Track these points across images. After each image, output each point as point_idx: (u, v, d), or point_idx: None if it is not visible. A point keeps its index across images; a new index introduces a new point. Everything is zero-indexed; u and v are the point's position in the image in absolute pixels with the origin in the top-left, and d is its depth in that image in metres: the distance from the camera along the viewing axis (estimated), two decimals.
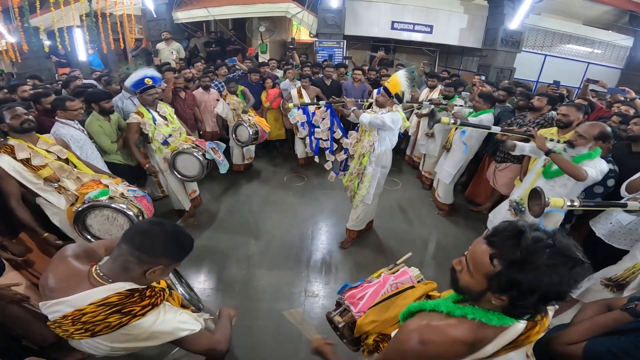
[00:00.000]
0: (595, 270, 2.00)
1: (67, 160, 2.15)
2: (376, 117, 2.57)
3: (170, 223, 1.12)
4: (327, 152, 3.33)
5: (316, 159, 3.54)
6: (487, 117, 3.21)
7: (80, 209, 2.03)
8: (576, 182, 2.04)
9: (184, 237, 1.12)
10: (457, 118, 3.23)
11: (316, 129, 3.30)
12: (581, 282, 0.76)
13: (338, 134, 3.25)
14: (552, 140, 2.24)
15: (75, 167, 2.19)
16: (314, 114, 3.29)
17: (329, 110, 3.20)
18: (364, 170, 2.85)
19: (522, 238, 0.75)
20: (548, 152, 2.10)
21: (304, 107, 3.31)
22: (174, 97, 3.80)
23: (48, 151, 2.07)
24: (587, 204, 1.79)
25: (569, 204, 1.71)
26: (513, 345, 0.85)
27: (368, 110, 2.86)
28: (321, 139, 3.32)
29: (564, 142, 2.17)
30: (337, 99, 3.25)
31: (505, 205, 2.59)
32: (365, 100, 3.23)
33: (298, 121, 3.38)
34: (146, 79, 2.77)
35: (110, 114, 2.92)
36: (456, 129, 3.53)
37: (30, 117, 2.03)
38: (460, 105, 3.66)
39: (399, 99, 2.62)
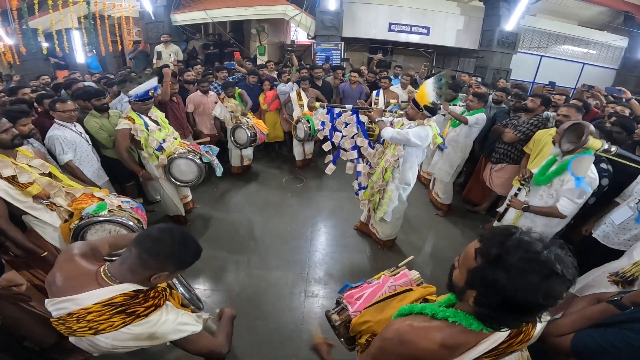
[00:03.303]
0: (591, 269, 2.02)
1: (50, 174, 2.02)
2: (399, 133, 2.43)
3: (180, 230, 1.12)
4: (350, 163, 3.03)
5: (328, 171, 3.11)
6: (481, 117, 3.36)
7: (79, 225, 1.94)
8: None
9: (191, 244, 1.13)
10: (453, 115, 3.44)
11: (336, 133, 2.99)
12: (565, 293, 0.72)
13: (363, 141, 2.92)
14: None
15: (58, 180, 2.07)
16: (339, 114, 2.97)
17: (354, 115, 2.90)
18: (386, 186, 2.74)
19: (509, 239, 0.75)
20: (526, 209, 2.18)
21: (330, 108, 3.03)
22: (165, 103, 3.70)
23: (30, 165, 1.92)
24: (622, 153, 1.64)
25: (606, 147, 1.57)
26: (495, 353, 0.85)
27: (392, 120, 2.77)
28: (343, 148, 3.01)
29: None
30: (364, 105, 3.01)
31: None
32: (392, 112, 2.99)
33: (320, 120, 3.05)
34: (151, 91, 2.80)
35: (105, 111, 3.04)
36: (450, 126, 3.66)
37: (17, 131, 1.90)
38: (454, 105, 3.80)
39: (432, 110, 2.40)
